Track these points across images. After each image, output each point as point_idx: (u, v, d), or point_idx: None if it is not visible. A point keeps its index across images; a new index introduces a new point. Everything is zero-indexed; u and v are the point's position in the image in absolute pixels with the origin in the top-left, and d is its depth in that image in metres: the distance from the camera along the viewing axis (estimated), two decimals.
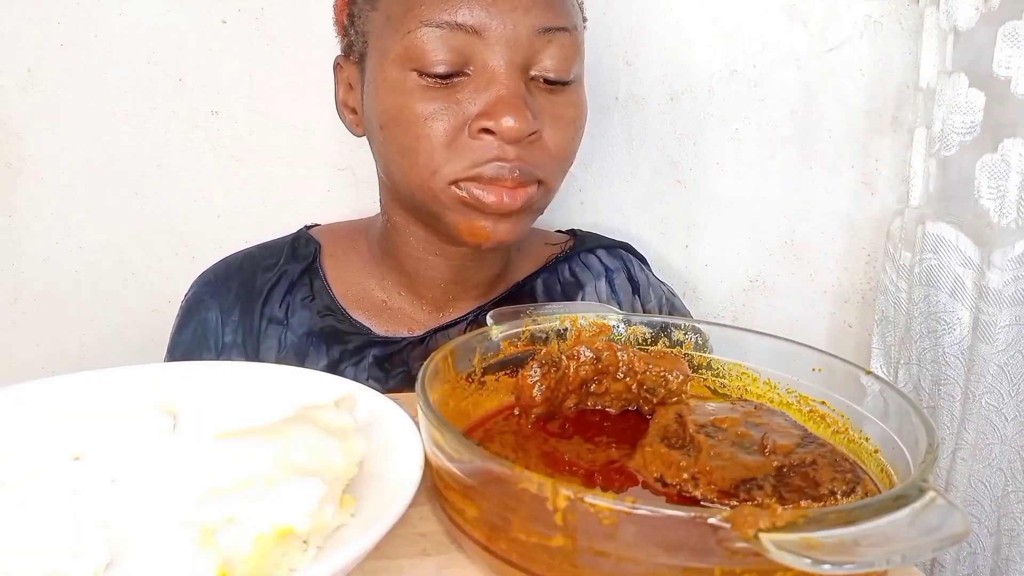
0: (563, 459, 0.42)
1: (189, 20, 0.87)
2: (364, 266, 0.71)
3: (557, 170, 0.62)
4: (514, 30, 0.57)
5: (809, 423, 0.46)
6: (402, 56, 0.58)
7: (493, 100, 0.57)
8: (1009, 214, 0.75)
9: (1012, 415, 0.78)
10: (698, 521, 0.28)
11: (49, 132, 0.88)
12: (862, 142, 0.92)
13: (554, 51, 0.59)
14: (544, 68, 0.59)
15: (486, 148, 0.58)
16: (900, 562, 0.28)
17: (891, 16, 0.88)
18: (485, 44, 0.57)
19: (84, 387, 0.46)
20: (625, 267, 0.78)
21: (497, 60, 0.58)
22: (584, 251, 0.77)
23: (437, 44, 0.57)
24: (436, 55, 0.57)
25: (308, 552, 0.33)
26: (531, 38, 0.58)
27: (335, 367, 0.67)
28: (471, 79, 0.58)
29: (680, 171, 0.96)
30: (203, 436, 0.39)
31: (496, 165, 0.58)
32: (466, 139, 0.58)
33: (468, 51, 0.58)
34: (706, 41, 0.92)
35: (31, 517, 0.37)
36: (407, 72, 0.58)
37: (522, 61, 0.58)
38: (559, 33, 0.59)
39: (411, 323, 0.69)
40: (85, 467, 0.41)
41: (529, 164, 0.59)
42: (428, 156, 0.59)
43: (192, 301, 0.70)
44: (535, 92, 0.60)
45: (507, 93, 0.57)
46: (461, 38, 0.57)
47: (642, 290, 0.77)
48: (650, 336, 0.51)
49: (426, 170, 0.59)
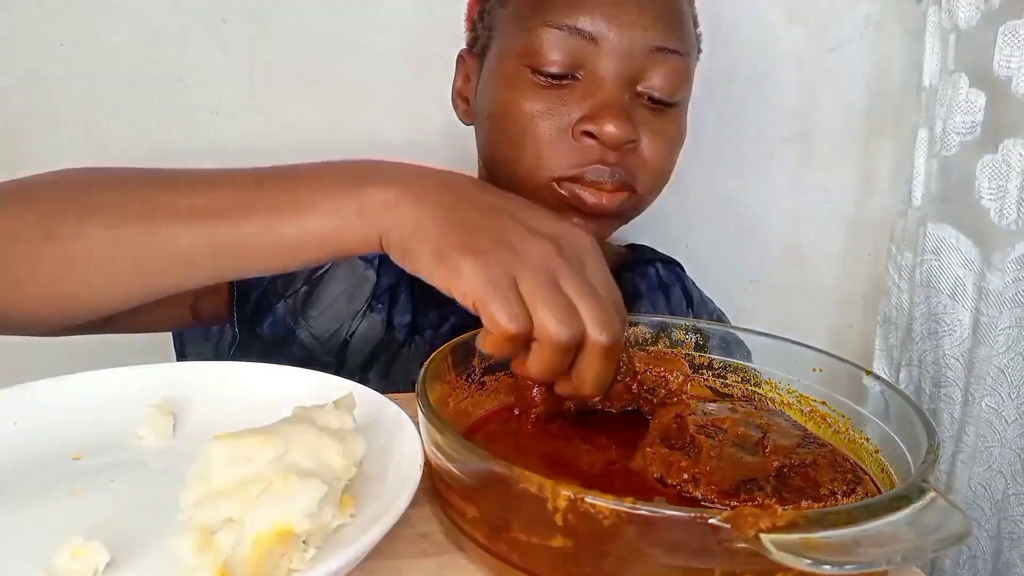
0: (563, 460, 0.42)
1: (189, 20, 0.87)
2: None
3: (651, 182, 0.64)
4: (629, 43, 0.60)
5: (809, 423, 0.46)
6: (521, 52, 0.62)
7: (598, 105, 0.60)
8: (1009, 215, 0.75)
9: (1012, 418, 0.78)
10: (698, 522, 0.28)
11: (49, 133, 0.88)
12: (862, 142, 0.92)
13: (664, 71, 0.62)
14: (651, 86, 0.62)
15: (589, 151, 0.60)
16: (900, 562, 0.28)
17: (891, 16, 0.88)
18: (599, 52, 0.60)
19: (85, 387, 0.46)
20: (680, 281, 0.81)
21: (607, 69, 0.60)
22: (643, 262, 0.80)
23: (555, 44, 0.60)
24: (552, 55, 0.60)
25: (307, 553, 0.33)
26: (644, 54, 0.61)
27: (418, 320, 0.68)
28: (580, 83, 0.61)
29: (680, 171, 0.95)
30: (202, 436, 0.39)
31: (597, 169, 0.60)
32: (569, 140, 0.61)
33: (582, 56, 0.60)
34: (706, 41, 0.92)
35: (31, 517, 0.37)
36: (522, 68, 0.62)
37: (631, 74, 0.61)
38: (671, 55, 0.62)
39: None
40: (85, 467, 0.41)
41: (627, 171, 0.62)
42: (534, 151, 0.62)
43: None
44: (638, 106, 0.62)
45: (611, 100, 0.60)
46: (578, 43, 0.60)
47: (695, 305, 0.80)
48: (650, 336, 0.51)
49: (530, 165, 0.62)
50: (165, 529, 0.34)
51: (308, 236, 0.45)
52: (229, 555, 0.31)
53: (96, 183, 0.50)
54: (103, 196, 0.48)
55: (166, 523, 0.34)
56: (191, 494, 0.33)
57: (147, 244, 0.46)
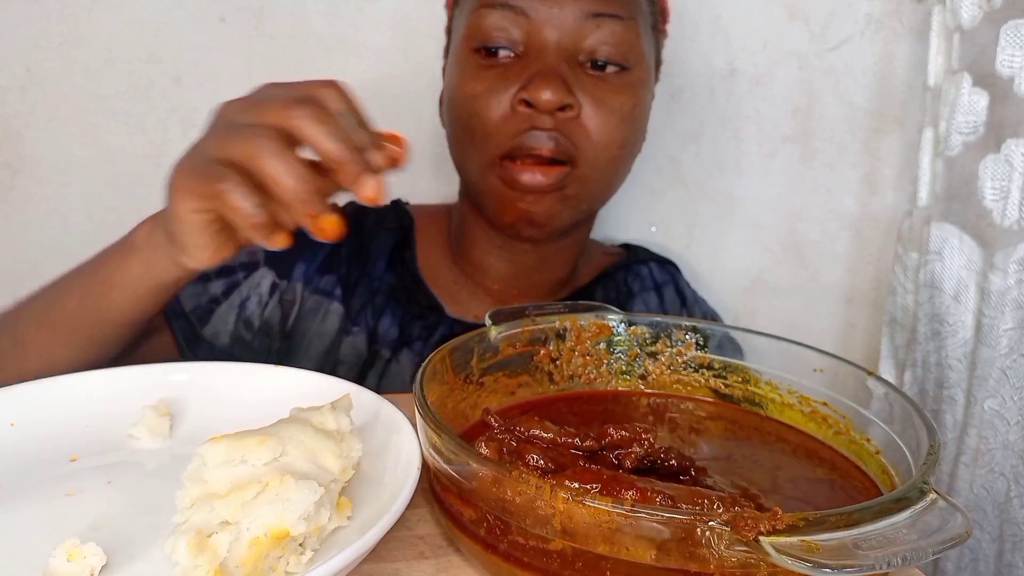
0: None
1: (188, 19, 0.87)
2: (443, 247, 0.75)
3: (595, 155, 0.63)
4: (560, 12, 0.61)
5: (810, 424, 0.46)
6: (465, 36, 0.64)
7: (532, 74, 0.61)
8: (1012, 215, 0.74)
9: (1015, 420, 0.77)
10: (698, 523, 0.28)
11: (48, 132, 0.88)
12: (864, 141, 0.92)
13: (602, 36, 0.62)
14: (591, 52, 0.62)
15: (525, 118, 0.61)
16: (901, 564, 0.27)
17: (892, 15, 0.88)
18: (532, 25, 0.61)
19: (81, 388, 0.46)
20: (674, 281, 0.81)
21: (542, 40, 0.61)
22: (637, 262, 0.80)
23: (491, 23, 0.62)
24: (489, 32, 0.62)
25: (304, 555, 0.33)
26: (578, 22, 0.61)
27: (406, 333, 0.69)
28: (520, 60, 0.62)
29: (680, 170, 0.95)
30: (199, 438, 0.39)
31: (533, 134, 0.61)
32: (511, 115, 0.61)
33: (519, 31, 0.62)
34: (707, 40, 0.91)
35: (28, 518, 0.37)
36: (469, 53, 0.63)
37: (569, 44, 0.61)
38: (608, 19, 0.62)
39: (477, 310, 0.72)
40: (82, 468, 0.41)
41: (565, 137, 0.61)
42: (481, 131, 0.63)
43: None
44: (581, 75, 0.62)
45: (545, 68, 0.60)
46: (512, 18, 0.61)
47: (688, 304, 0.80)
48: (650, 336, 0.51)
49: (479, 145, 0.63)
50: (161, 531, 0.34)
51: (133, 272, 0.50)
52: (225, 557, 0.31)
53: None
54: None
55: (162, 525, 0.34)
56: (187, 496, 0.33)
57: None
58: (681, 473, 0.38)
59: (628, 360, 0.51)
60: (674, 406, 0.50)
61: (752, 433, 0.47)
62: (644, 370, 0.51)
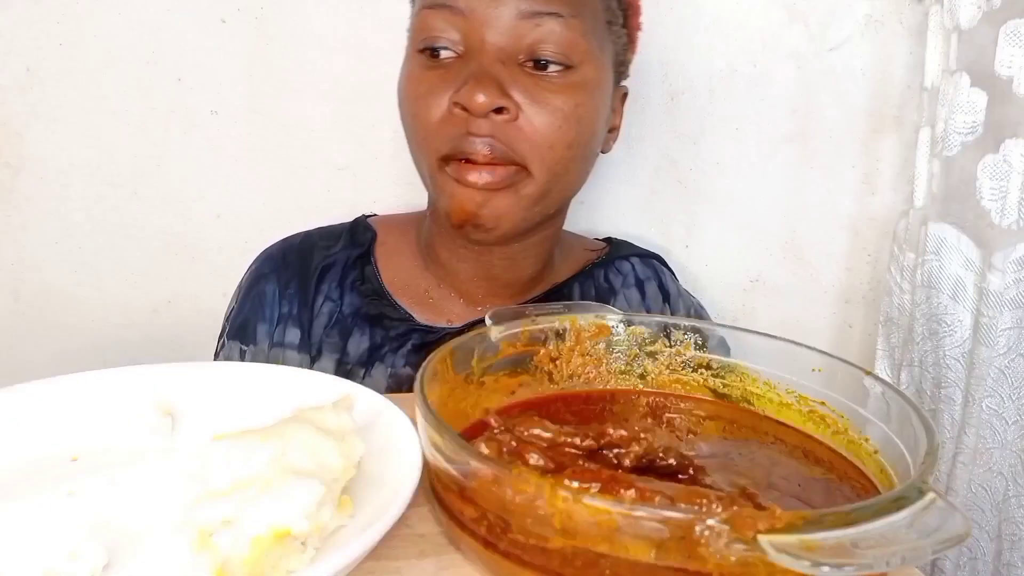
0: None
1: (188, 20, 0.87)
2: (412, 255, 0.74)
3: (541, 158, 0.61)
4: (496, 12, 0.59)
5: (808, 423, 0.46)
6: (412, 38, 0.64)
7: (466, 76, 0.59)
8: (1010, 215, 0.75)
9: (1013, 419, 0.77)
10: (697, 522, 0.28)
11: (49, 132, 0.88)
12: (863, 142, 0.92)
13: (541, 34, 0.60)
14: (530, 51, 0.60)
15: (461, 122, 0.60)
16: (899, 564, 0.27)
17: (892, 15, 0.88)
18: (470, 25, 0.60)
19: (83, 387, 0.46)
20: (657, 276, 0.79)
21: (480, 41, 0.60)
22: (619, 258, 0.79)
23: (432, 24, 0.61)
24: (430, 33, 0.61)
25: (306, 554, 0.33)
26: (514, 21, 0.59)
27: (377, 350, 0.69)
28: (461, 59, 0.61)
29: (680, 171, 0.96)
30: (201, 437, 0.39)
31: (468, 139, 0.59)
32: (448, 117, 0.60)
33: (458, 32, 0.60)
34: (706, 40, 0.92)
35: (29, 518, 0.37)
36: (415, 54, 0.63)
37: (507, 44, 0.60)
38: (548, 18, 0.60)
39: (451, 315, 0.71)
40: (83, 468, 0.41)
41: (503, 143, 0.60)
42: (422, 133, 0.62)
43: (254, 274, 0.73)
44: (521, 75, 0.61)
45: (479, 70, 0.59)
46: (451, 19, 0.60)
47: (672, 300, 0.78)
48: (649, 336, 0.51)
49: (421, 147, 0.63)
50: (162, 531, 0.34)
51: None
52: (227, 556, 0.31)
53: None
54: None
55: (163, 525, 0.34)
56: (189, 495, 0.33)
57: None
58: (680, 472, 0.39)
59: (627, 360, 0.51)
60: (673, 406, 0.50)
61: (750, 433, 0.47)
62: (643, 370, 0.51)
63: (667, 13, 0.91)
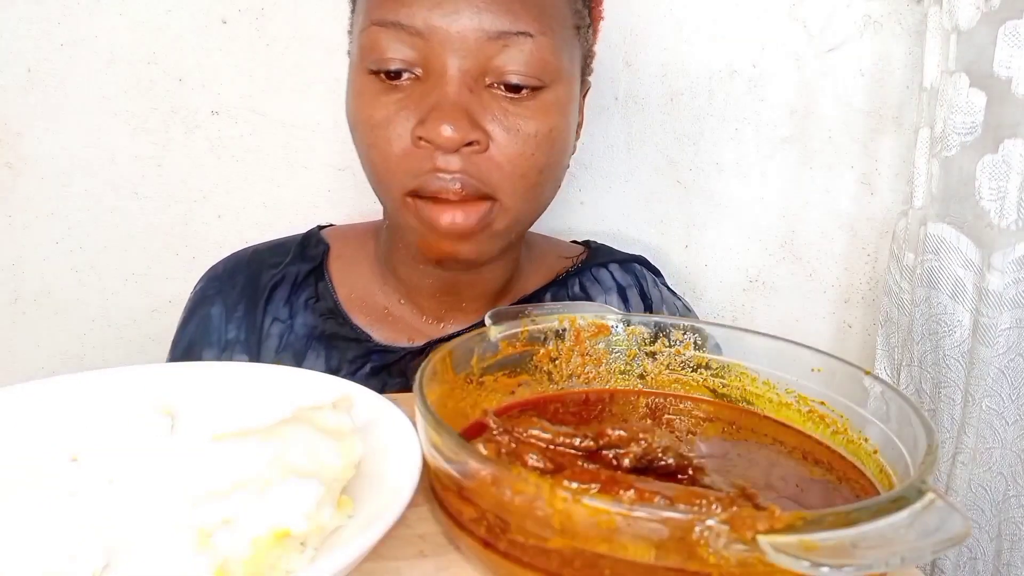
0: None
1: (189, 20, 0.87)
2: (370, 270, 0.70)
3: (513, 188, 0.57)
4: (459, 33, 0.54)
5: (808, 423, 0.46)
6: (359, 56, 0.57)
7: (430, 106, 0.54)
8: (1009, 215, 0.75)
9: (1013, 419, 0.78)
10: (696, 523, 0.28)
11: (49, 132, 0.88)
12: (862, 142, 0.92)
13: (511, 56, 0.55)
14: (500, 75, 0.55)
15: (426, 158, 0.55)
16: (899, 564, 0.27)
17: (891, 16, 0.88)
18: (431, 47, 0.54)
19: (83, 387, 0.46)
20: (638, 283, 0.75)
21: (442, 65, 0.54)
22: (596, 265, 0.74)
23: (384, 45, 0.55)
24: (382, 53, 0.55)
25: (305, 554, 0.33)
26: (481, 43, 0.54)
27: (333, 373, 0.65)
28: (421, 82, 0.56)
29: (680, 171, 0.96)
30: (200, 437, 0.39)
31: (436, 177, 0.55)
32: (412, 148, 0.55)
33: (415, 52, 0.55)
34: (706, 41, 0.92)
35: (29, 519, 0.37)
36: (364, 74, 0.57)
37: (473, 67, 0.55)
38: (517, 38, 0.55)
39: (411, 332, 0.67)
40: (82, 468, 0.41)
41: (474, 177, 0.55)
42: (383, 165, 0.57)
43: (198, 296, 0.69)
44: (490, 101, 0.56)
45: (444, 100, 0.54)
46: (408, 39, 0.54)
47: (655, 307, 0.74)
48: (649, 336, 0.51)
49: (382, 179, 0.58)
50: (162, 531, 0.34)
51: None
52: (226, 556, 0.31)
53: None
54: None
55: (163, 525, 0.34)
56: (189, 495, 0.33)
57: None
58: (679, 472, 0.39)
59: (627, 360, 0.51)
60: (672, 406, 0.50)
61: (750, 433, 0.47)
62: (643, 370, 0.51)
63: (667, 13, 0.91)
